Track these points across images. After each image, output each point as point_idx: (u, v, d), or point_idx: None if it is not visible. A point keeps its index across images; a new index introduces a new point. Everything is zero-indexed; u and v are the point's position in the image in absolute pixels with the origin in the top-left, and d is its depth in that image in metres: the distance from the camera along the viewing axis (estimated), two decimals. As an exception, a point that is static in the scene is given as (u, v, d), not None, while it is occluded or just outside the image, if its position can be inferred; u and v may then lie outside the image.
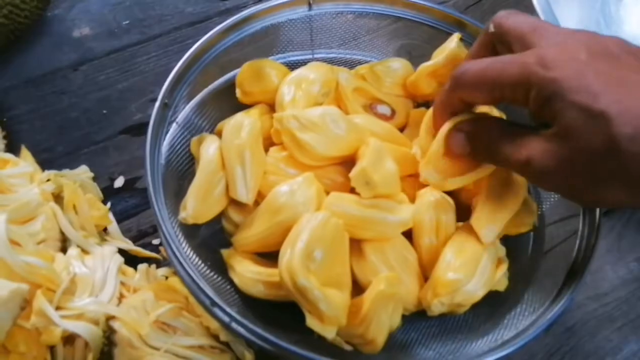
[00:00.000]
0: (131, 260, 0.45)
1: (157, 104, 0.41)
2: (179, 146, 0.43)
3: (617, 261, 0.50)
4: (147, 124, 0.40)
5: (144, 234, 0.49)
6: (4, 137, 0.51)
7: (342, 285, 0.37)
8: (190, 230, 0.41)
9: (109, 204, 0.49)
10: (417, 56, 0.54)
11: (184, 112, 0.44)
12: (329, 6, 0.48)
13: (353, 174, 0.38)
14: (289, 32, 0.50)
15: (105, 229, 0.46)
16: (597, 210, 0.39)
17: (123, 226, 0.49)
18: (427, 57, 0.49)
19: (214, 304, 0.34)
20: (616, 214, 0.52)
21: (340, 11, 0.49)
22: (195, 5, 0.65)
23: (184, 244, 0.38)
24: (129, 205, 0.50)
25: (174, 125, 0.43)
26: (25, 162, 0.45)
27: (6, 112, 0.54)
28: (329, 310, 0.34)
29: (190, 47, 0.45)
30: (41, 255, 0.37)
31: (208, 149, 0.41)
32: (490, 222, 0.40)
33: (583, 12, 0.63)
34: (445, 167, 0.38)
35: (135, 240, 0.48)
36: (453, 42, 0.45)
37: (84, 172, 0.49)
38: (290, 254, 0.34)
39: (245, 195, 0.40)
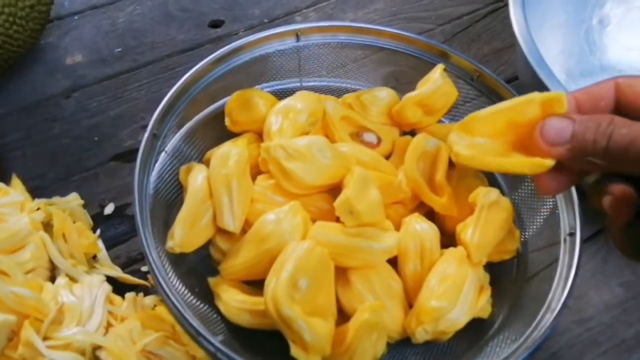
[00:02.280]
0: (120, 286, 0.46)
1: (146, 134, 0.41)
2: (167, 175, 0.44)
3: (601, 285, 0.51)
4: (137, 150, 0.41)
5: (133, 261, 0.49)
6: (-4, 165, 0.51)
7: (327, 313, 0.37)
8: (179, 258, 0.42)
9: (98, 231, 0.49)
10: (404, 83, 0.55)
11: (173, 141, 0.45)
12: (316, 37, 0.49)
13: (337, 203, 0.39)
14: (278, 61, 0.51)
15: (94, 256, 0.47)
16: (578, 238, 0.40)
17: (112, 253, 0.49)
18: (414, 83, 0.50)
19: (199, 334, 0.35)
20: (601, 239, 0.53)
21: (327, 42, 0.50)
22: (187, 33, 0.66)
23: (170, 273, 0.39)
24: (118, 231, 0.50)
25: (163, 154, 0.44)
26: (16, 191, 0.46)
27: (-1, 139, 0.55)
28: (313, 340, 0.34)
29: (182, 74, 0.46)
30: (30, 286, 0.38)
31: (196, 178, 0.42)
32: (482, 241, 0.40)
33: (567, 39, 0.65)
34: (480, 143, 0.30)
35: (124, 266, 0.48)
36: (437, 73, 0.47)
37: (74, 199, 0.49)
38: (275, 284, 0.35)
39: (232, 224, 0.40)
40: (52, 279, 0.42)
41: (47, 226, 0.45)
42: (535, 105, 0.29)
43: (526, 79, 0.53)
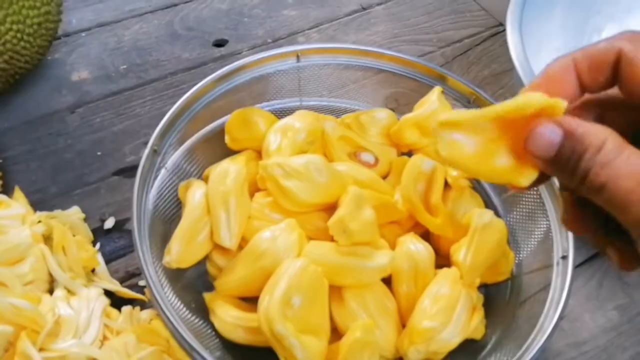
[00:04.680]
0: (117, 300, 0.46)
1: (147, 150, 0.42)
2: (167, 191, 0.45)
3: (596, 309, 0.51)
4: (139, 166, 0.42)
5: (132, 275, 0.49)
6: (0, 178, 0.52)
7: (319, 331, 0.37)
8: (176, 273, 0.42)
9: (98, 245, 0.50)
10: (404, 104, 0.56)
11: (174, 157, 0.46)
12: (316, 58, 0.50)
13: (331, 222, 0.39)
14: (279, 81, 0.52)
15: (93, 270, 0.47)
16: (570, 261, 0.40)
17: (111, 267, 0.49)
18: (414, 104, 0.51)
19: (193, 349, 0.35)
20: (596, 262, 0.53)
21: (327, 63, 0.51)
22: (191, 52, 0.67)
23: (166, 288, 0.39)
24: (118, 246, 0.51)
25: (163, 170, 0.45)
26: (18, 203, 0.47)
27: (3, 152, 0.56)
28: (304, 358, 0.35)
29: (185, 91, 0.47)
30: (28, 298, 0.38)
31: (194, 194, 0.43)
32: (474, 263, 0.41)
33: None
34: (465, 142, 0.27)
35: (122, 280, 0.49)
36: (434, 95, 0.47)
37: (75, 212, 0.50)
38: (269, 301, 0.35)
39: (228, 240, 0.41)
40: (51, 291, 0.43)
41: (48, 239, 0.45)
42: (531, 109, 0.26)
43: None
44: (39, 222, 0.45)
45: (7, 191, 0.51)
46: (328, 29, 0.71)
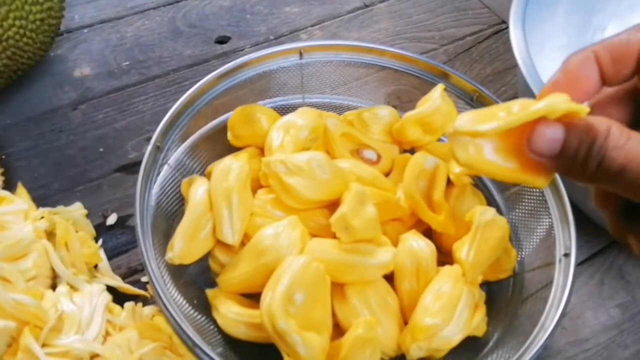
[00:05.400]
0: (120, 296, 0.46)
1: (149, 147, 0.42)
2: (169, 187, 0.45)
3: (598, 307, 0.51)
4: (141, 162, 0.42)
5: (134, 271, 0.50)
6: (2, 174, 0.52)
7: (322, 328, 0.37)
8: (178, 269, 0.42)
9: (100, 241, 0.50)
10: (406, 101, 0.56)
11: (176, 154, 0.46)
12: (319, 55, 0.50)
13: (333, 219, 0.39)
14: (281, 77, 0.52)
15: (95, 266, 0.47)
16: (573, 259, 0.40)
17: (113, 263, 0.50)
18: (416, 102, 0.51)
19: (196, 345, 0.35)
20: (598, 260, 0.53)
21: (329, 60, 0.51)
22: (193, 48, 0.67)
23: (169, 284, 0.40)
24: (120, 242, 0.51)
25: (166, 166, 0.45)
26: (21, 199, 0.47)
27: (5, 148, 0.56)
28: (307, 354, 0.35)
29: (187, 88, 0.47)
30: (31, 293, 0.39)
31: (197, 191, 0.43)
32: (477, 260, 0.41)
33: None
34: (482, 148, 0.27)
35: (124, 277, 0.49)
36: (437, 92, 0.47)
37: (78, 209, 0.50)
38: (271, 297, 0.35)
39: (231, 236, 0.41)
40: (53, 287, 0.43)
41: (50, 235, 0.45)
42: (556, 115, 0.25)
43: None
44: (42, 218, 0.45)
45: (10, 187, 0.51)
46: (330, 26, 0.71)
